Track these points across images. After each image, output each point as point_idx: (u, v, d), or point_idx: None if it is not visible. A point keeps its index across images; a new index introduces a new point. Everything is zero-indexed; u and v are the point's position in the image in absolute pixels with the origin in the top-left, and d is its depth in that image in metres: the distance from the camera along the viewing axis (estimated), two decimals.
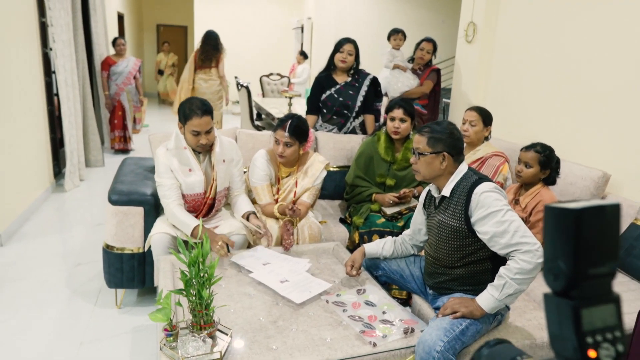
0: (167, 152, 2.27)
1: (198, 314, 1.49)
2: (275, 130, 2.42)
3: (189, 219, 2.21)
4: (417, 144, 1.84)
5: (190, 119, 2.19)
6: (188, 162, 2.29)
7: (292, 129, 2.35)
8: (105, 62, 5.60)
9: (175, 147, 2.27)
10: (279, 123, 2.41)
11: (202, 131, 2.21)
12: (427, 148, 1.81)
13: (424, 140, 1.82)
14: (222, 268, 2.10)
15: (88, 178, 4.84)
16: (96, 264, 3.01)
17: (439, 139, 1.79)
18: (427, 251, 1.94)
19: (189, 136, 2.23)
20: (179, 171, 2.28)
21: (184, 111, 2.21)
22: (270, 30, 9.79)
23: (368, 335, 1.63)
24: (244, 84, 4.92)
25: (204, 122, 2.20)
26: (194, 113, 2.18)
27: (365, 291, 1.93)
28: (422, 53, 3.96)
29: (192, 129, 2.20)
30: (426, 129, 1.84)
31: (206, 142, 2.24)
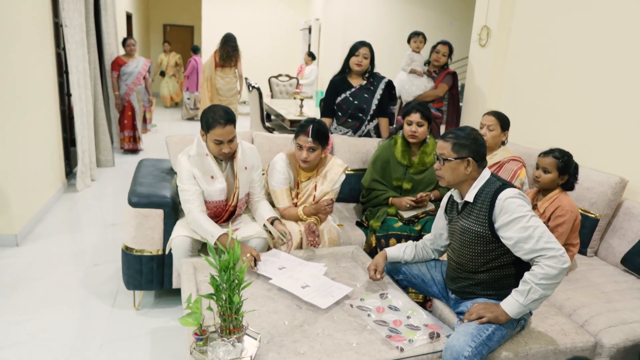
0: (190, 159, 2.26)
1: (228, 318, 1.50)
2: (296, 136, 2.42)
3: (213, 227, 2.18)
4: (442, 149, 1.84)
5: (213, 128, 2.17)
6: (210, 169, 2.28)
7: (314, 134, 2.35)
8: (116, 63, 5.62)
9: (197, 154, 2.26)
10: (300, 128, 2.41)
11: (225, 140, 2.20)
12: (452, 153, 1.81)
13: (449, 145, 1.82)
14: None
15: (99, 178, 4.85)
16: (112, 265, 3.03)
17: (463, 145, 1.80)
18: (449, 256, 1.94)
19: (212, 144, 2.22)
20: (201, 179, 2.26)
21: (207, 120, 2.19)
22: (277, 31, 9.80)
23: (394, 340, 1.64)
24: (255, 85, 4.93)
25: (226, 131, 2.18)
26: (217, 122, 2.16)
27: (388, 295, 1.93)
28: (437, 56, 3.96)
29: (215, 138, 2.18)
30: (450, 135, 1.84)
31: (228, 151, 2.23)
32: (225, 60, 5.42)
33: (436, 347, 1.64)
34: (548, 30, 3.26)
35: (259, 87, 4.86)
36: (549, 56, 3.25)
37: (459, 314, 1.87)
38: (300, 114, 4.91)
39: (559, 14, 3.17)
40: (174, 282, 2.48)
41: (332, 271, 2.20)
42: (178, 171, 2.28)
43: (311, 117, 2.49)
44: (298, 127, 2.44)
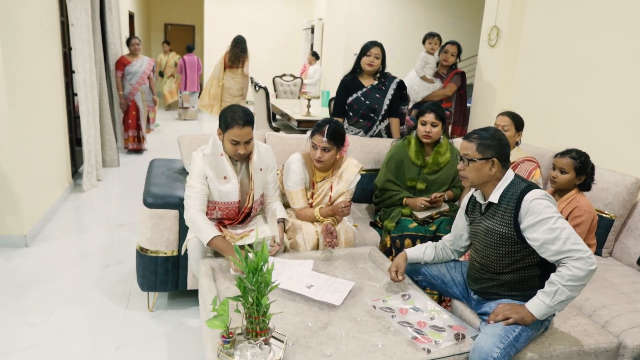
0: (204, 157, 2.24)
1: (255, 320, 1.48)
2: (312, 135, 2.41)
3: (208, 228, 2.12)
4: (466, 150, 1.84)
5: (231, 128, 2.15)
6: (224, 169, 2.26)
7: (330, 134, 2.34)
8: (120, 62, 5.59)
9: (212, 154, 2.24)
10: (316, 128, 2.40)
11: (242, 141, 2.18)
12: (476, 154, 1.81)
13: (473, 146, 1.82)
14: None
15: (104, 178, 4.83)
16: (123, 266, 3.01)
17: (488, 145, 1.80)
18: (472, 257, 1.93)
19: (228, 144, 2.20)
20: (214, 178, 2.24)
21: (226, 119, 2.17)
22: (280, 31, 9.79)
23: (420, 341, 1.63)
24: (261, 85, 4.91)
25: (244, 132, 2.17)
26: (235, 123, 2.14)
27: (410, 297, 1.93)
28: (446, 55, 3.95)
29: (232, 138, 2.17)
30: (475, 135, 1.84)
31: (244, 152, 2.21)
32: (233, 61, 5.66)
33: (462, 348, 1.63)
34: (559, 29, 3.25)
35: (265, 87, 4.84)
36: (560, 55, 3.25)
37: (482, 315, 1.86)
38: (307, 114, 4.90)
39: (570, 12, 3.17)
40: (188, 284, 2.47)
41: (350, 272, 2.19)
42: (191, 167, 2.26)
43: (328, 117, 2.47)
44: (314, 126, 2.43)
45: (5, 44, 2.93)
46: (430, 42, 4.06)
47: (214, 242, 2.09)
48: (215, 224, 2.32)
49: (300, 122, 4.74)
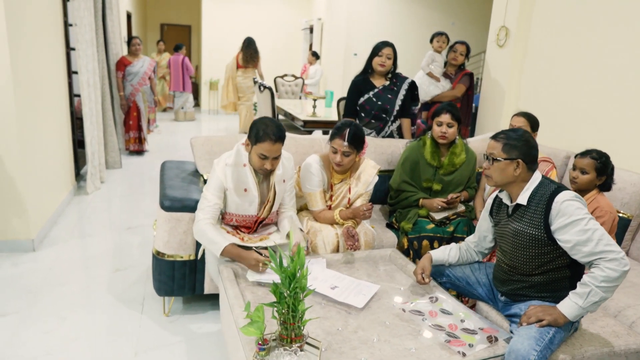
0: (226, 167, 2.17)
1: (289, 326, 1.45)
2: (332, 139, 2.37)
3: (219, 237, 2.07)
4: (492, 149, 1.82)
5: (262, 142, 2.07)
6: (245, 181, 2.19)
7: (350, 138, 2.30)
8: (121, 62, 5.52)
9: (235, 164, 2.18)
10: (336, 131, 2.35)
11: (271, 157, 2.11)
12: (501, 154, 1.79)
13: (499, 145, 1.80)
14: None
15: (107, 180, 4.77)
16: (135, 270, 2.96)
17: (514, 146, 1.78)
18: (500, 258, 1.92)
19: (255, 157, 2.12)
20: (233, 190, 2.18)
21: (257, 132, 2.08)
22: (278, 31, 9.74)
23: (454, 344, 1.61)
24: (266, 85, 4.88)
25: (275, 148, 2.10)
26: (267, 137, 2.06)
27: (437, 299, 1.91)
28: (455, 55, 3.95)
29: (261, 153, 2.09)
30: (502, 135, 1.82)
31: (270, 167, 2.15)
32: (247, 62, 6.19)
33: (496, 351, 1.61)
34: (569, 28, 3.26)
35: (270, 88, 4.80)
36: (570, 55, 3.25)
37: (510, 317, 1.85)
38: (313, 114, 4.87)
39: (580, 11, 3.17)
40: (205, 288, 2.43)
41: (373, 274, 2.17)
42: (210, 176, 2.21)
43: (348, 120, 2.43)
44: (334, 130, 2.39)
45: (13, 47, 2.87)
46: (438, 40, 4.06)
47: (227, 249, 2.05)
48: (230, 229, 2.29)
49: (306, 122, 4.71)
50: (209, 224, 2.12)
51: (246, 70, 6.20)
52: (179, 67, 8.22)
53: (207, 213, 2.14)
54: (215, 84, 9.84)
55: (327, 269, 2.12)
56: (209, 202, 2.15)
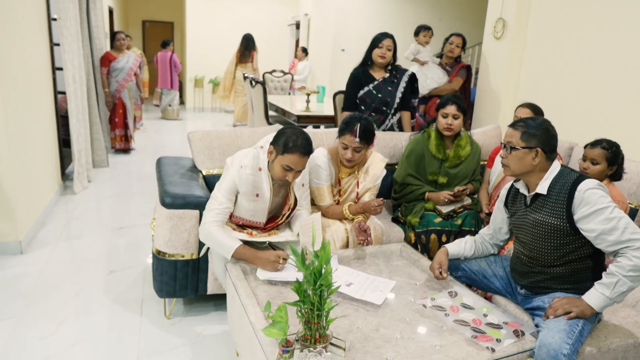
0: (241, 170, 2.07)
1: (314, 326, 1.37)
2: (341, 135, 2.27)
3: (228, 239, 1.98)
4: (510, 137, 1.77)
5: (291, 153, 1.96)
6: (259, 186, 2.08)
7: (362, 133, 2.21)
8: (105, 58, 5.34)
9: (251, 167, 2.07)
10: (346, 127, 2.26)
11: (296, 170, 2.02)
12: (520, 142, 1.74)
13: (518, 134, 1.75)
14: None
15: (95, 179, 4.60)
16: (130, 271, 2.84)
17: (533, 134, 1.73)
18: (519, 250, 1.87)
19: (278, 167, 2.00)
20: (245, 195, 2.08)
21: (286, 142, 1.97)
22: (264, 27, 9.60)
23: (482, 340, 1.55)
24: (258, 80, 4.77)
25: (303, 162, 2.00)
26: (297, 150, 1.96)
27: (457, 294, 1.85)
28: (451, 47, 3.91)
29: (287, 164, 1.98)
30: (520, 123, 1.77)
31: (292, 180, 2.05)
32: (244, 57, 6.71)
33: (524, 345, 1.56)
34: (569, 19, 3.24)
35: (262, 82, 4.70)
36: (571, 46, 3.23)
37: (531, 310, 1.80)
38: (306, 109, 4.78)
39: (581, 1, 3.15)
40: (209, 288, 2.33)
41: (385, 270, 2.10)
42: (223, 176, 2.10)
43: (357, 114, 2.33)
44: (342, 125, 2.29)
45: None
46: (425, 34, 4.06)
47: (239, 251, 1.95)
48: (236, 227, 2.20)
49: (300, 117, 4.62)
50: (218, 227, 2.02)
51: (245, 66, 6.66)
52: (166, 64, 8.02)
53: (217, 216, 2.04)
54: (200, 81, 9.66)
55: (340, 265, 2.04)
56: (221, 204, 2.05)
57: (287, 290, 1.84)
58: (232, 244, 1.97)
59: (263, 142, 2.13)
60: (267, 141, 2.12)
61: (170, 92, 8.24)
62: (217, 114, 9.62)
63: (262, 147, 2.10)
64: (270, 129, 2.84)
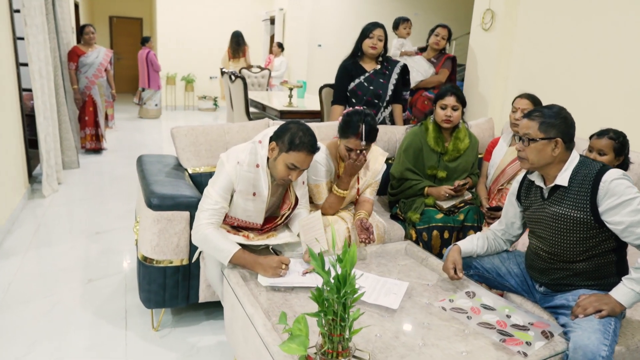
0: (238, 167, 1.89)
1: (336, 339, 1.23)
2: (345, 137, 2.10)
3: (227, 244, 1.80)
4: (527, 129, 1.67)
5: (297, 151, 1.82)
6: (257, 184, 1.92)
7: (367, 135, 2.06)
8: (73, 53, 5.02)
9: (248, 164, 1.90)
10: (349, 129, 2.07)
11: (301, 168, 1.87)
12: (538, 133, 1.64)
13: (535, 125, 1.65)
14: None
15: (65, 181, 4.30)
16: (110, 280, 2.62)
17: (552, 124, 1.64)
18: (537, 246, 1.77)
19: (281, 166, 1.85)
20: (241, 193, 1.91)
21: (292, 139, 1.82)
22: (237, 22, 9.32)
23: (511, 343, 1.44)
24: (237, 74, 4.57)
25: (308, 161, 1.86)
26: (304, 148, 1.82)
27: (474, 294, 1.74)
28: (437, 39, 3.81)
29: (292, 162, 1.83)
30: (537, 113, 1.67)
31: (295, 179, 1.90)
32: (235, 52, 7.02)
33: (556, 347, 1.46)
34: (560, 9, 3.19)
35: (243, 77, 4.50)
36: (564, 36, 3.18)
37: (553, 309, 1.70)
38: (289, 104, 4.62)
39: None
40: (201, 296, 2.15)
41: (393, 270, 1.97)
42: (217, 173, 1.92)
43: (358, 110, 2.13)
44: (343, 124, 2.11)
45: None
46: (405, 26, 3.97)
47: (238, 256, 1.78)
48: (231, 229, 2.03)
49: (282, 113, 4.46)
50: (214, 229, 1.85)
51: (238, 61, 6.97)
52: (143, 62, 7.72)
53: (212, 217, 1.86)
54: (172, 79, 9.32)
55: None
56: (216, 204, 1.87)
57: (292, 297, 1.69)
58: (230, 248, 1.80)
59: (261, 137, 1.96)
60: (266, 135, 1.95)
61: (147, 92, 7.94)
62: (191, 112, 9.32)
63: (261, 142, 1.94)
64: (260, 123, 2.68)
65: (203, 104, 9.42)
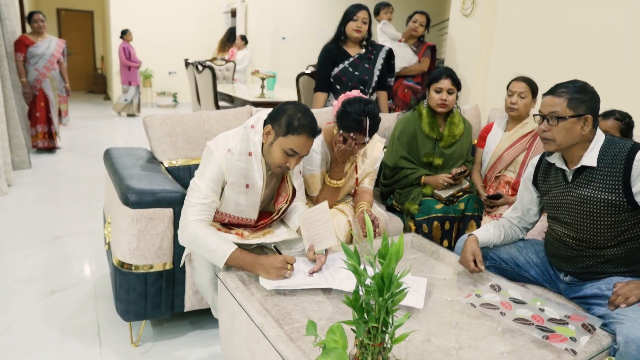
0: (229, 155, 1.66)
1: (375, 349, 1.04)
2: (345, 130, 1.88)
3: (221, 244, 1.56)
4: (554, 106, 1.54)
5: (297, 134, 1.61)
6: (249, 175, 1.69)
7: (371, 129, 1.86)
8: (21, 42, 4.56)
9: (240, 152, 1.67)
10: (350, 123, 1.85)
11: (300, 154, 1.66)
12: (567, 111, 1.51)
13: (563, 102, 1.52)
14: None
15: (15, 183, 3.88)
16: (76, 290, 2.32)
17: (580, 100, 1.51)
18: (562, 232, 1.64)
19: (278, 152, 1.64)
20: (232, 186, 1.69)
21: (290, 121, 1.62)
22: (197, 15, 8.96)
23: (555, 340, 1.29)
24: (205, 64, 4.28)
25: (308, 145, 1.67)
26: (304, 130, 1.62)
27: (500, 287, 1.59)
28: (415, 25, 3.69)
29: (291, 147, 1.63)
30: (562, 89, 1.54)
31: (293, 167, 1.69)
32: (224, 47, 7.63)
33: (601, 342, 1.33)
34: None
35: (211, 67, 4.21)
36: (547, 20, 3.12)
37: (583, 299, 1.59)
38: (261, 95, 4.38)
39: None
40: (186, 304, 1.91)
41: (404, 266, 1.80)
42: (204, 163, 1.68)
43: (358, 99, 1.89)
44: (343, 116, 1.88)
45: None
46: (386, 11, 3.88)
47: (235, 257, 1.55)
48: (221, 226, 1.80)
49: (255, 104, 4.21)
50: (204, 227, 1.61)
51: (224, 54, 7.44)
52: (122, 56, 7.32)
53: (201, 212, 1.62)
54: None
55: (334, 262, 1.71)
56: (205, 197, 1.63)
57: (301, 300, 1.49)
58: (226, 247, 1.57)
59: (254, 121, 1.74)
60: (259, 119, 1.73)
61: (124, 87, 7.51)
62: (150, 110, 8.84)
63: (254, 127, 1.72)
64: (242, 111, 2.44)
65: (162, 100, 8.97)
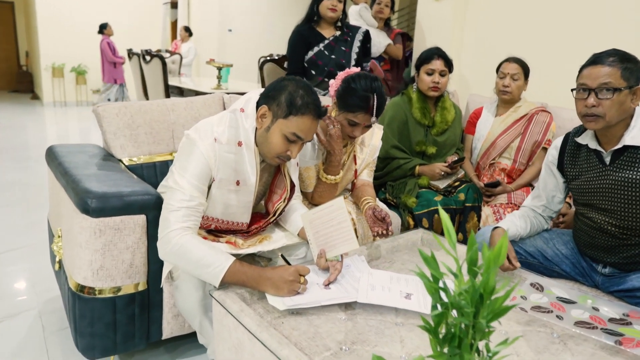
0: (216, 146, 1.35)
1: None
2: (350, 110, 1.63)
3: (215, 256, 1.26)
4: (606, 77, 1.33)
5: (300, 115, 1.34)
6: (240, 169, 1.39)
7: (378, 110, 1.63)
8: None
9: (228, 142, 1.38)
10: (355, 100, 1.61)
11: (304, 139, 1.38)
12: (621, 82, 1.33)
13: (617, 71, 1.33)
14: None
15: None
16: (21, 319, 1.91)
17: (632, 70, 1.34)
18: (601, 220, 1.47)
19: (278, 137, 1.36)
20: (221, 184, 1.38)
21: (292, 99, 1.34)
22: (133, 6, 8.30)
23: (630, 345, 1.12)
24: (154, 53, 3.85)
25: (313, 128, 1.39)
26: (309, 110, 1.35)
27: (542, 286, 1.40)
28: (379, 7, 3.46)
29: (295, 132, 1.35)
30: (611, 58, 1.35)
31: (294, 156, 1.40)
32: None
33: None
34: None
35: (161, 56, 3.79)
36: (520, 3, 3.03)
37: (625, 292, 1.44)
38: (217, 86, 4.01)
39: None
40: (165, 331, 1.57)
41: (422, 267, 1.58)
42: (184, 157, 1.36)
43: (362, 74, 1.66)
44: (345, 93, 1.64)
45: None
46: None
47: (234, 270, 1.24)
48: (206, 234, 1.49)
49: None
50: (190, 235, 1.29)
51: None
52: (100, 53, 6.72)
53: (187, 218, 1.31)
54: (59, 70, 7.99)
55: (374, 270, 1.46)
56: (190, 199, 1.31)
57: (323, 320, 1.21)
58: (222, 260, 1.25)
59: (243, 103, 1.44)
60: (250, 100, 1.43)
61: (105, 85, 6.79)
62: (84, 109, 8.09)
63: (244, 111, 1.41)
64: (212, 98, 2.12)
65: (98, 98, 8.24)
